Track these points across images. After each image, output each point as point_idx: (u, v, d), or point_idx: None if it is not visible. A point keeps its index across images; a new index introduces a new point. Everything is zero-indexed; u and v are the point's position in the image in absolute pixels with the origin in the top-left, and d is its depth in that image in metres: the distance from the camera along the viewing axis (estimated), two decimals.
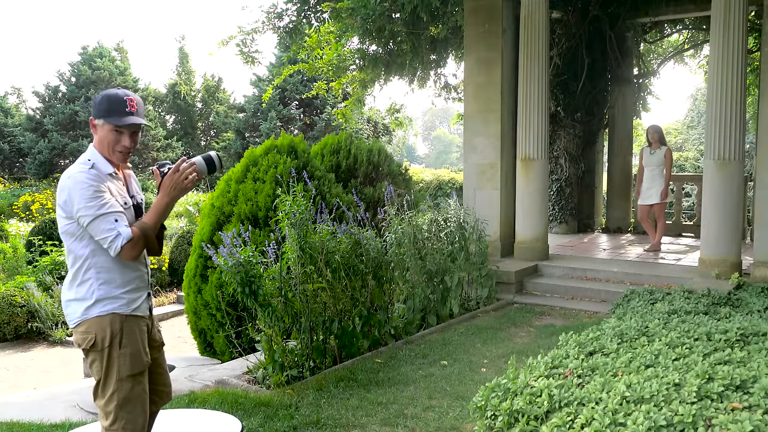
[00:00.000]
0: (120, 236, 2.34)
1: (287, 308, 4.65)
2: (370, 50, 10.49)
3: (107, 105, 2.43)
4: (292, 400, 4.05)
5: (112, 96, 2.45)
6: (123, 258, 2.40)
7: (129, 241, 2.35)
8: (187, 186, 2.47)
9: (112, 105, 2.43)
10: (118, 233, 2.34)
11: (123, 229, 2.36)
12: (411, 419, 3.75)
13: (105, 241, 2.35)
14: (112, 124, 2.43)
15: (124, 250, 2.36)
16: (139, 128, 2.51)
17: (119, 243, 2.34)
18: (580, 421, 2.20)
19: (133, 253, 2.40)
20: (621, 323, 3.61)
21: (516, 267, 7.32)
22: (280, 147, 6.61)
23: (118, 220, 2.36)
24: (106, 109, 2.43)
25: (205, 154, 2.57)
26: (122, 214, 2.40)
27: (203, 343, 6.24)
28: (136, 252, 2.41)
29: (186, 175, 2.48)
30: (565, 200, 10.49)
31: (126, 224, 2.38)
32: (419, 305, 5.87)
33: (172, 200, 2.48)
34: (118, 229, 2.34)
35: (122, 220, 2.37)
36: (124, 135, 2.46)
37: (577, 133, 10.39)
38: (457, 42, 10.07)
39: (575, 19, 9.70)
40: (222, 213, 6.24)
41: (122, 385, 2.41)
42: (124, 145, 2.47)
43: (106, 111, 2.43)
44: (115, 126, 2.43)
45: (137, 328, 2.49)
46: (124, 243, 2.35)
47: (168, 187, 2.47)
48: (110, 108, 2.43)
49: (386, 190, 5.89)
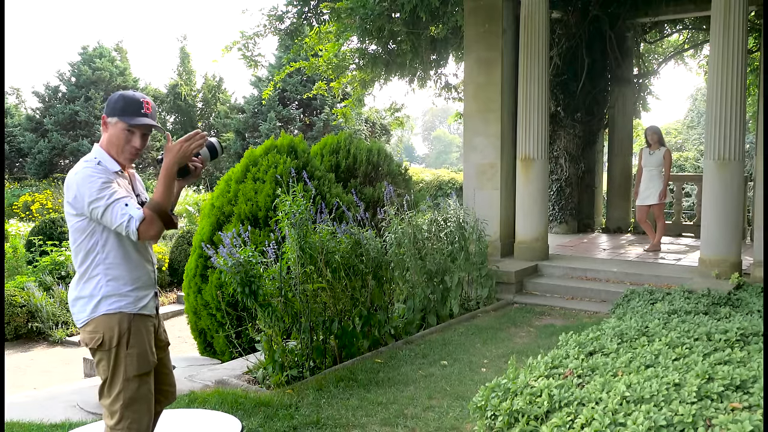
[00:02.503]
0: (133, 219, 2.34)
1: (287, 308, 4.65)
2: (370, 50, 10.50)
3: (123, 104, 2.45)
4: (292, 400, 4.05)
5: (129, 96, 2.48)
6: (142, 238, 2.40)
7: (142, 221, 2.35)
8: (190, 149, 2.45)
9: (127, 104, 2.45)
10: (131, 216, 2.35)
11: (134, 211, 2.36)
12: (411, 419, 3.75)
13: (121, 227, 2.36)
14: (126, 123, 2.44)
15: (141, 230, 2.36)
16: (150, 131, 2.54)
17: (134, 225, 2.34)
18: (580, 421, 2.20)
19: (151, 232, 2.39)
20: (621, 323, 3.61)
21: (516, 267, 7.32)
22: (279, 147, 6.61)
23: (128, 204, 2.37)
24: (121, 107, 2.45)
25: (206, 141, 2.58)
26: (131, 198, 2.41)
27: (203, 343, 6.24)
28: (154, 230, 2.40)
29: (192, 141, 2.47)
30: (565, 200, 10.49)
31: (137, 206, 2.39)
32: (419, 305, 5.87)
33: (172, 163, 2.43)
34: (129, 212, 2.35)
35: (132, 204, 2.39)
36: (136, 135, 2.48)
37: (577, 133, 10.39)
38: (457, 42, 10.07)
39: (575, 19, 9.70)
40: (222, 213, 6.24)
41: (128, 385, 2.42)
42: (134, 145, 2.48)
43: (121, 110, 2.45)
44: (128, 125, 2.45)
45: (144, 328, 2.50)
46: (138, 224, 2.35)
47: (169, 150, 2.45)
48: (125, 107, 2.45)
49: (386, 190, 5.88)
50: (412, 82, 11.39)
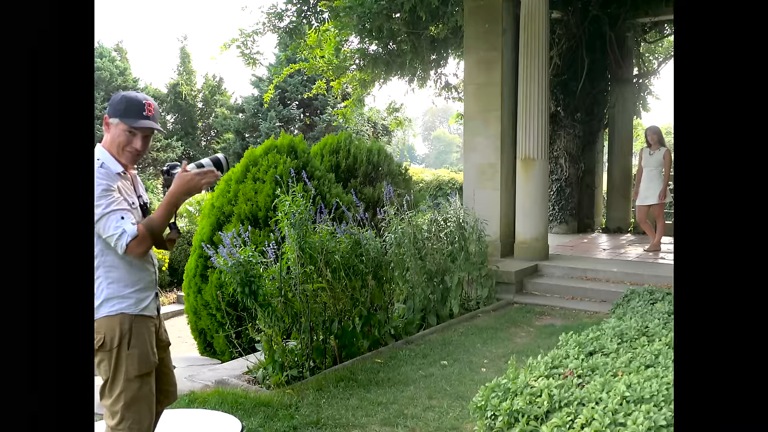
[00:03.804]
0: (125, 234, 2.34)
1: (287, 308, 4.65)
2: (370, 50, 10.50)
3: (125, 105, 2.46)
4: (292, 400, 4.05)
5: (132, 97, 2.48)
6: (129, 255, 2.40)
7: (134, 238, 2.35)
8: (202, 183, 2.47)
9: (129, 106, 2.46)
10: (123, 231, 2.34)
11: (128, 226, 2.36)
12: (411, 419, 3.75)
13: (111, 239, 2.36)
14: (127, 125, 2.45)
15: (130, 247, 2.36)
16: (152, 133, 2.54)
17: (124, 241, 2.34)
18: (580, 421, 2.20)
19: (139, 250, 2.39)
20: (621, 323, 3.61)
21: (516, 267, 7.31)
22: (279, 147, 6.61)
23: (124, 217, 2.36)
24: (123, 109, 2.46)
25: (212, 156, 2.59)
26: (129, 212, 2.41)
27: (203, 343, 6.24)
28: (142, 249, 2.40)
29: (205, 176, 2.49)
30: (565, 200, 10.49)
31: (133, 222, 2.39)
32: (419, 305, 5.87)
33: (181, 193, 2.46)
34: (123, 226, 2.35)
35: (128, 218, 2.38)
36: (137, 137, 2.48)
37: (577, 133, 10.39)
38: (457, 42, 10.07)
39: (575, 19, 9.71)
40: (222, 213, 6.24)
41: (130, 386, 2.42)
42: (135, 147, 2.48)
43: (123, 111, 2.45)
44: (129, 127, 2.45)
45: (145, 329, 2.50)
46: (129, 240, 2.34)
47: (182, 179, 2.46)
48: (127, 109, 2.45)
49: (385, 190, 5.88)
50: (411, 81, 11.40)
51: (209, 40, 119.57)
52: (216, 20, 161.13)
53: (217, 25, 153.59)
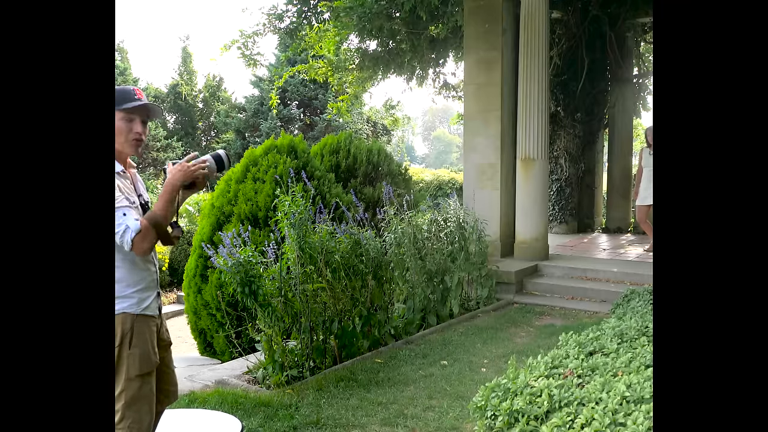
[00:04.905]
0: (129, 229, 2.34)
1: (287, 308, 4.65)
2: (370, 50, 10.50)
3: (116, 96, 2.48)
4: (292, 400, 4.05)
5: (120, 89, 2.52)
6: (135, 251, 2.40)
7: (138, 233, 2.35)
8: (193, 172, 2.48)
9: (120, 95, 2.49)
10: (127, 226, 2.34)
11: (131, 222, 2.36)
12: (411, 419, 3.75)
13: (116, 236, 2.35)
14: (124, 110, 2.46)
15: (135, 242, 2.35)
16: (148, 117, 2.55)
17: (129, 236, 2.34)
18: (580, 421, 2.20)
19: (143, 245, 2.38)
20: (621, 323, 3.61)
21: (516, 267, 7.31)
22: (279, 147, 6.61)
23: (126, 214, 2.37)
24: (115, 99, 2.47)
25: (213, 153, 2.60)
26: (130, 209, 2.41)
27: (203, 343, 6.24)
28: (147, 244, 2.40)
29: (196, 166, 2.51)
30: (565, 200, 10.49)
31: (135, 217, 2.39)
32: (419, 305, 5.87)
33: (176, 180, 2.47)
34: (126, 222, 2.35)
35: (130, 214, 2.38)
36: (136, 122, 2.49)
37: (577, 133, 10.40)
38: (457, 42, 10.08)
39: (575, 19, 9.70)
40: (222, 213, 6.24)
41: (130, 385, 2.42)
42: (137, 131, 2.49)
43: (116, 102, 2.47)
44: (126, 111, 2.46)
45: (147, 328, 2.50)
46: (133, 236, 2.34)
47: (175, 170, 2.49)
48: (119, 98, 2.48)
49: (385, 190, 5.88)
50: (410, 80, 11.40)
51: (209, 40, 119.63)
52: (216, 21, 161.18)
53: (218, 26, 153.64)
